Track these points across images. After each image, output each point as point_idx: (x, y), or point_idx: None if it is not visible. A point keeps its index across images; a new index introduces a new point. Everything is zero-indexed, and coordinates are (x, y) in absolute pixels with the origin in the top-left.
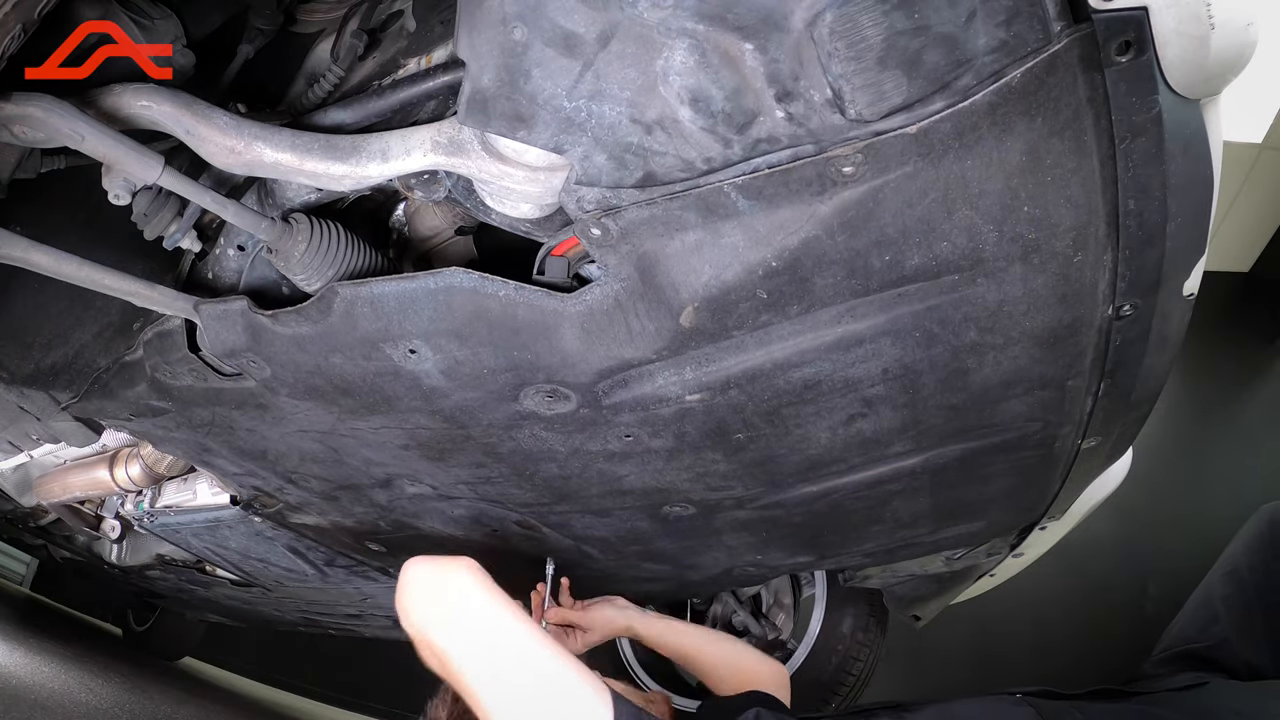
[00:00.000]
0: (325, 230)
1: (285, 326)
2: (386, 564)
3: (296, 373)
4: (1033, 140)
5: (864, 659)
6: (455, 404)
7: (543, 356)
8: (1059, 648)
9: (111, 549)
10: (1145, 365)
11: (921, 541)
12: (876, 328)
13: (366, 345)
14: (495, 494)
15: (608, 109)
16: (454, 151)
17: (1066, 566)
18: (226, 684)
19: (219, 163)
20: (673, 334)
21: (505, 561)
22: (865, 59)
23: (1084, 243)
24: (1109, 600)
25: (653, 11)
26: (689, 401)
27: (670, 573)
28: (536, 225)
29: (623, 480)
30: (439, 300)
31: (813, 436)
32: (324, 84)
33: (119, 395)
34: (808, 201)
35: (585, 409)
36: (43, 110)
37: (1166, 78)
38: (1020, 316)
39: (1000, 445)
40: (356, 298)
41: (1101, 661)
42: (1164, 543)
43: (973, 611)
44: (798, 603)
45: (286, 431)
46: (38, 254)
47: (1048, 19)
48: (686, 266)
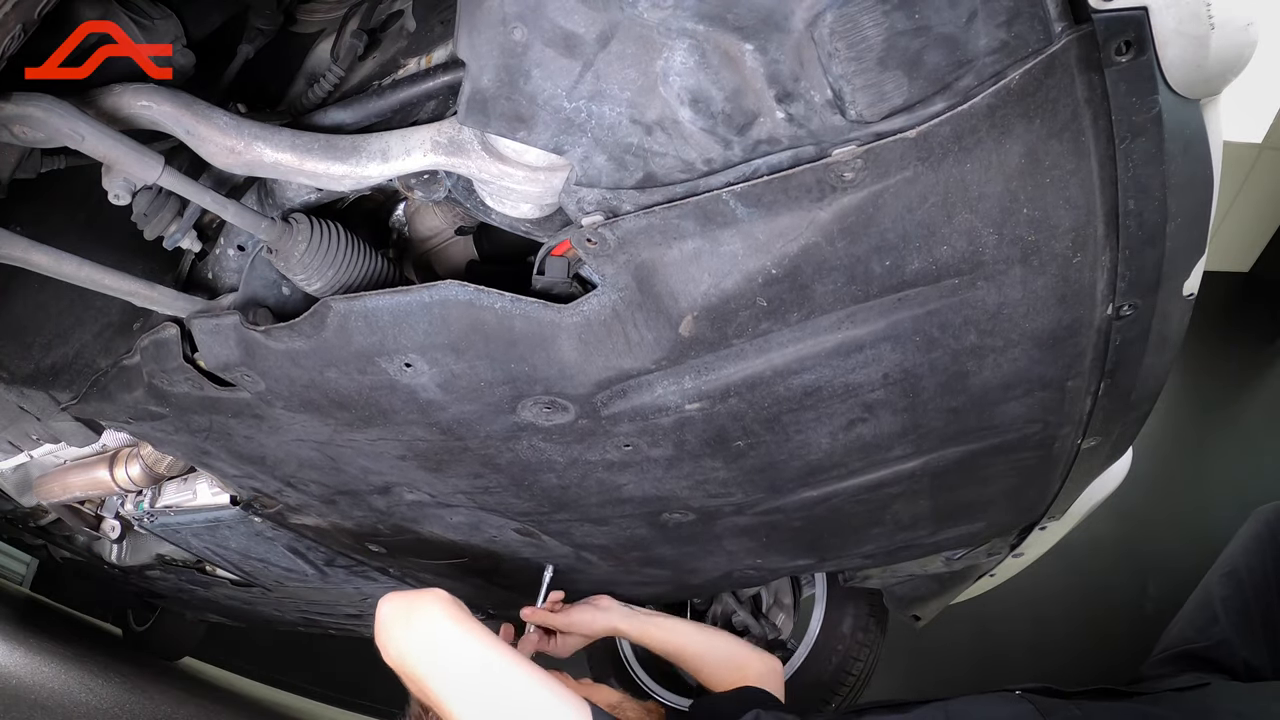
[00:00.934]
0: (325, 230)
1: (278, 342)
2: (387, 565)
3: (291, 387)
4: (1031, 142)
5: (864, 659)
6: (452, 417)
7: (540, 368)
8: (1059, 647)
9: (111, 549)
10: (1145, 365)
11: (921, 543)
12: (877, 333)
13: (361, 360)
14: (494, 503)
15: (608, 109)
16: (454, 151)
17: (1066, 566)
18: (226, 684)
19: (219, 163)
20: (672, 343)
21: (512, 567)
22: (866, 59)
23: (1083, 243)
24: (1109, 600)
25: (653, 12)
26: (688, 410)
27: (670, 577)
28: (536, 225)
29: (622, 489)
30: (434, 313)
31: (813, 442)
32: (324, 84)
33: (117, 399)
34: (807, 208)
35: (584, 420)
36: (43, 110)
37: (1166, 78)
38: (1020, 318)
39: (1000, 447)
40: (350, 312)
41: (1101, 661)
42: (1164, 543)
43: (973, 611)
44: (798, 603)
45: (283, 440)
46: (38, 254)
47: (1049, 19)
48: (685, 275)
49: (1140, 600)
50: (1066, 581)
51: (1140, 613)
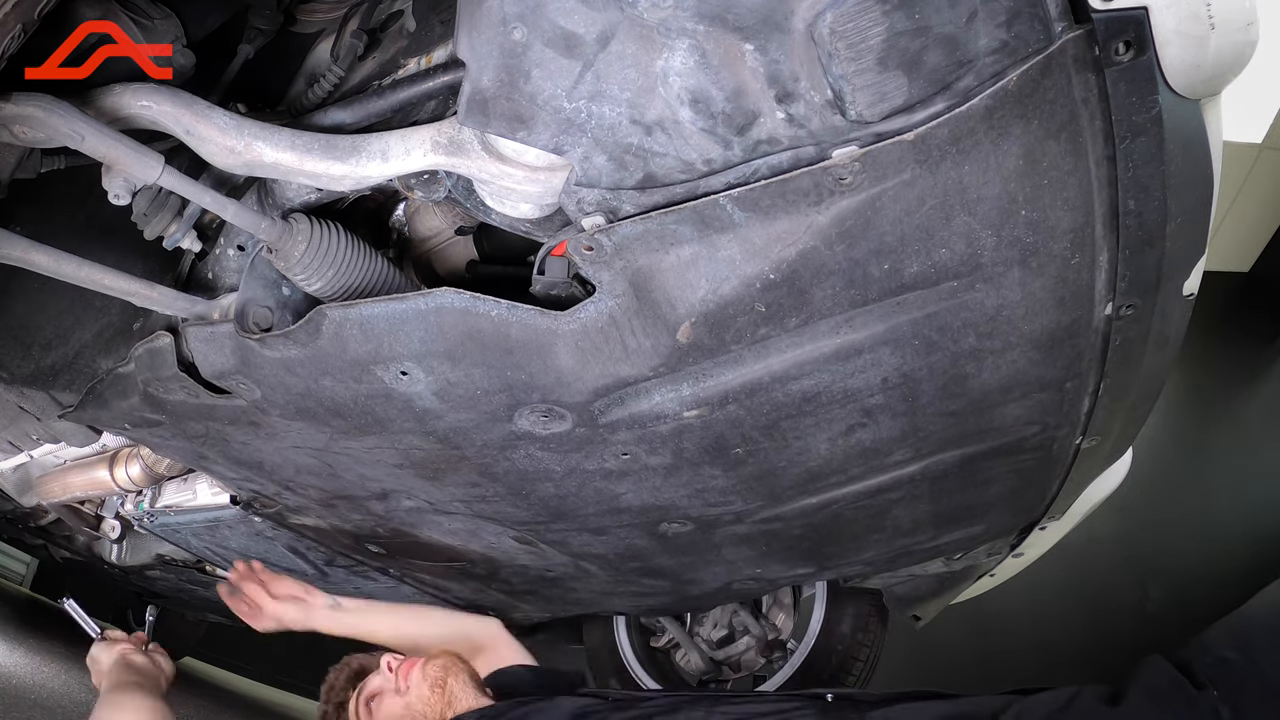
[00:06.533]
0: (325, 230)
1: (274, 350)
2: (386, 565)
3: (287, 395)
4: (1029, 143)
5: (864, 659)
6: (449, 425)
7: (537, 376)
8: (1059, 647)
9: (111, 549)
10: (1145, 365)
11: (921, 548)
12: (875, 337)
13: (357, 368)
14: (491, 511)
15: (608, 110)
16: (454, 151)
17: (1066, 566)
18: (226, 684)
19: (219, 163)
20: (670, 350)
21: (511, 572)
22: (866, 60)
23: (1081, 244)
24: (1109, 600)
25: (653, 12)
26: (687, 418)
27: (669, 587)
28: (536, 225)
29: (620, 498)
30: (430, 321)
31: (812, 448)
32: (324, 84)
33: (113, 406)
34: (805, 212)
35: (581, 428)
36: (43, 110)
37: (1166, 78)
38: (1019, 320)
39: (999, 449)
40: (345, 320)
41: (1101, 660)
42: (1164, 543)
43: (973, 611)
44: (798, 603)
45: (280, 446)
46: (38, 254)
47: (1049, 19)
48: (682, 281)
49: (1140, 600)
50: (1066, 581)
51: (1140, 613)
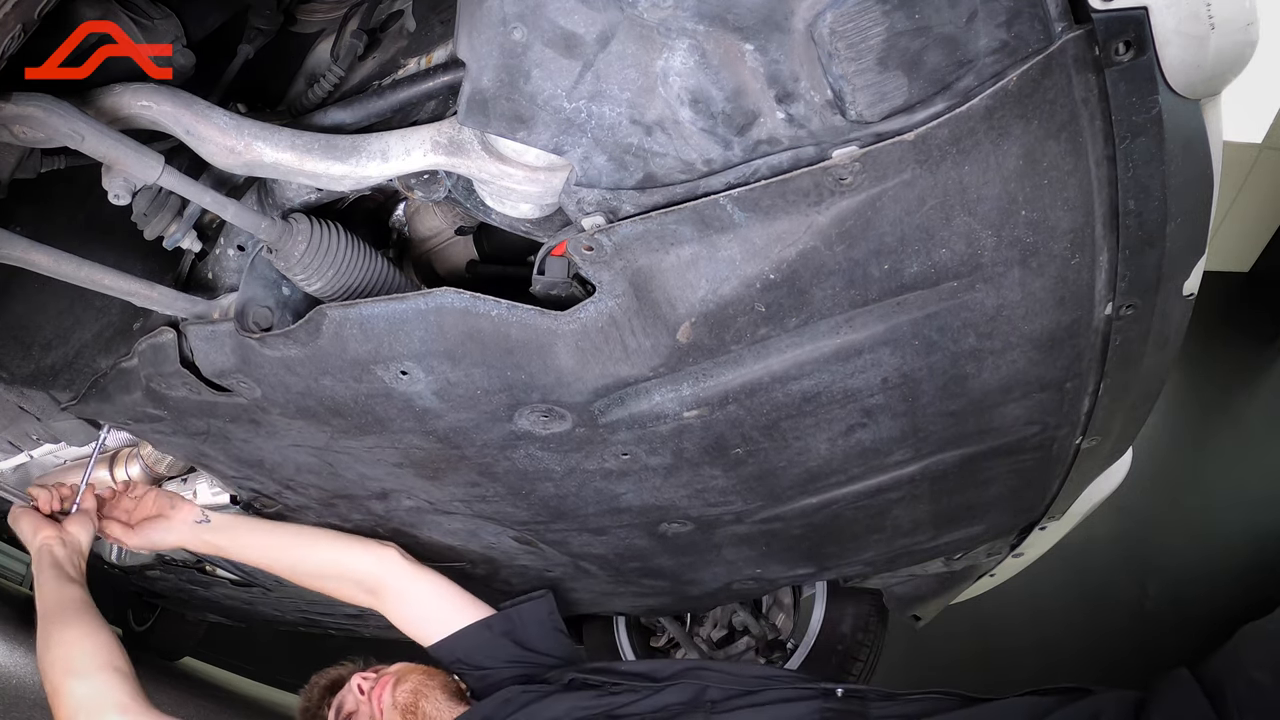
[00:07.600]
0: (325, 230)
1: (274, 349)
2: None
3: (287, 394)
4: (1029, 143)
5: (864, 659)
6: (449, 425)
7: (537, 376)
8: (1059, 646)
9: (111, 549)
10: (1145, 365)
11: (921, 548)
12: (876, 337)
13: (357, 367)
14: (491, 511)
15: (608, 110)
16: (454, 151)
17: (1066, 566)
18: (226, 684)
19: (219, 163)
20: (670, 350)
21: (511, 572)
22: (866, 59)
23: (1081, 244)
24: (1109, 600)
25: (653, 12)
26: (687, 418)
27: (669, 588)
28: (536, 225)
29: (620, 498)
30: (430, 321)
31: (812, 448)
32: (324, 84)
33: (116, 400)
34: (805, 212)
35: (581, 428)
36: (43, 110)
37: (1166, 78)
38: (1019, 320)
39: (999, 449)
40: (345, 319)
41: (1101, 660)
42: (1164, 542)
43: (973, 611)
44: (798, 603)
45: (280, 444)
46: (38, 254)
47: (1049, 19)
48: (682, 281)
49: (1140, 600)
50: (1066, 581)
51: (1140, 612)
